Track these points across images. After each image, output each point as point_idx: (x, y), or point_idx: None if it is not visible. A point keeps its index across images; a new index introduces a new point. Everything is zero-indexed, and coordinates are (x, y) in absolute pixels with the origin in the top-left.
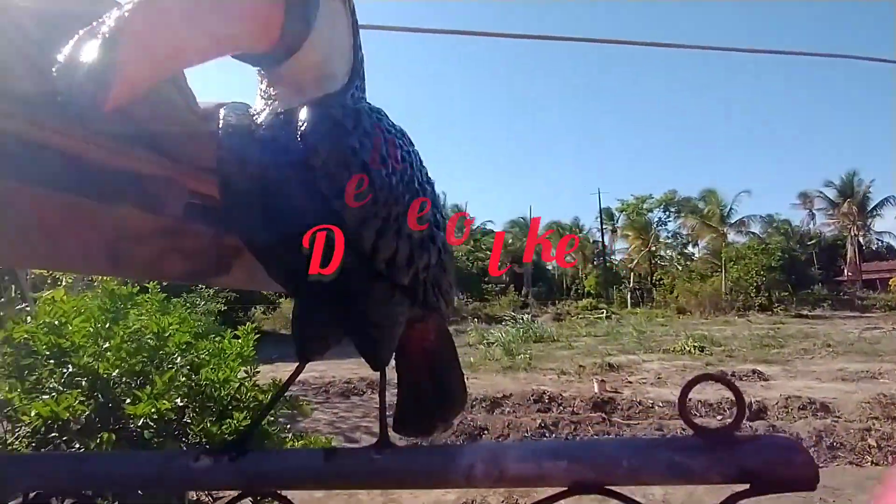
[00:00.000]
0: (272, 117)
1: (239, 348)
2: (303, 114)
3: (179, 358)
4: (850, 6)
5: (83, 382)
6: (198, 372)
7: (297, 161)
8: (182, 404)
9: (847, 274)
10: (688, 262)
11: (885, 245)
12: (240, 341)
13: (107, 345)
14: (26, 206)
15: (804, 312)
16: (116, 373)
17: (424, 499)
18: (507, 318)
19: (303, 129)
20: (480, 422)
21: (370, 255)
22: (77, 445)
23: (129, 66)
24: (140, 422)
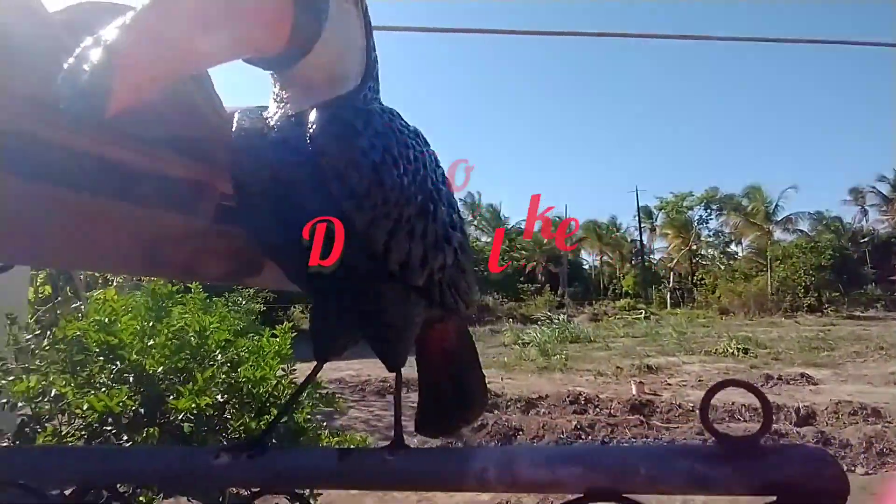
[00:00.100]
0: (284, 120)
1: (277, 346)
2: (312, 115)
3: (220, 355)
4: None
5: (131, 378)
6: (237, 369)
7: (307, 162)
8: (223, 400)
9: None
10: (731, 261)
11: None
12: (278, 340)
13: (152, 342)
14: (66, 210)
15: (856, 313)
16: (161, 369)
17: (459, 498)
18: (542, 318)
19: (312, 130)
20: (515, 422)
21: (383, 256)
22: (125, 438)
23: (130, 72)
24: (181, 416)
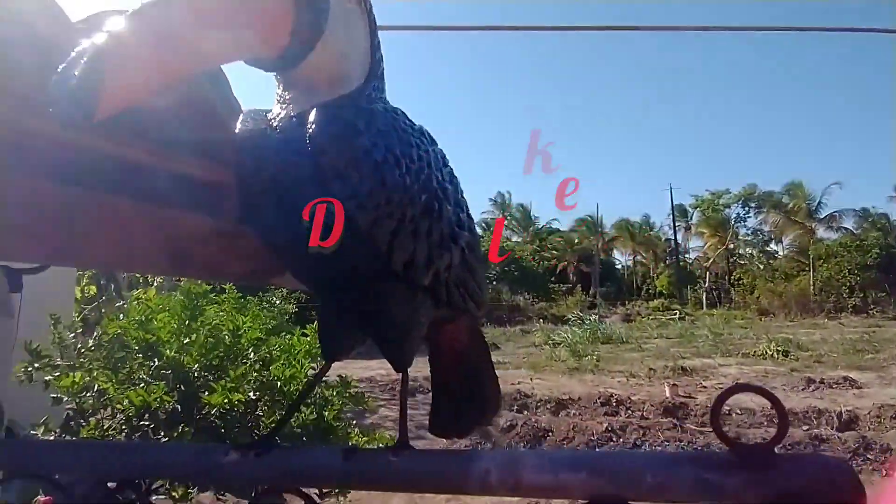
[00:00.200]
0: (286, 120)
1: (307, 345)
2: (313, 116)
3: (252, 353)
4: None
5: (168, 375)
6: (268, 367)
7: (309, 163)
8: (255, 398)
9: None
10: (770, 261)
11: None
12: (308, 339)
13: (187, 340)
14: (95, 213)
15: None
16: (197, 367)
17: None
18: (573, 319)
19: (312, 130)
20: (545, 424)
21: (387, 256)
22: (162, 434)
23: (121, 75)
24: (214, 412)
